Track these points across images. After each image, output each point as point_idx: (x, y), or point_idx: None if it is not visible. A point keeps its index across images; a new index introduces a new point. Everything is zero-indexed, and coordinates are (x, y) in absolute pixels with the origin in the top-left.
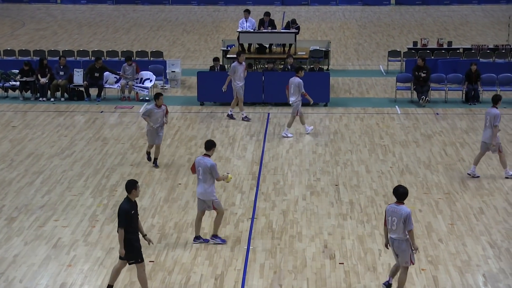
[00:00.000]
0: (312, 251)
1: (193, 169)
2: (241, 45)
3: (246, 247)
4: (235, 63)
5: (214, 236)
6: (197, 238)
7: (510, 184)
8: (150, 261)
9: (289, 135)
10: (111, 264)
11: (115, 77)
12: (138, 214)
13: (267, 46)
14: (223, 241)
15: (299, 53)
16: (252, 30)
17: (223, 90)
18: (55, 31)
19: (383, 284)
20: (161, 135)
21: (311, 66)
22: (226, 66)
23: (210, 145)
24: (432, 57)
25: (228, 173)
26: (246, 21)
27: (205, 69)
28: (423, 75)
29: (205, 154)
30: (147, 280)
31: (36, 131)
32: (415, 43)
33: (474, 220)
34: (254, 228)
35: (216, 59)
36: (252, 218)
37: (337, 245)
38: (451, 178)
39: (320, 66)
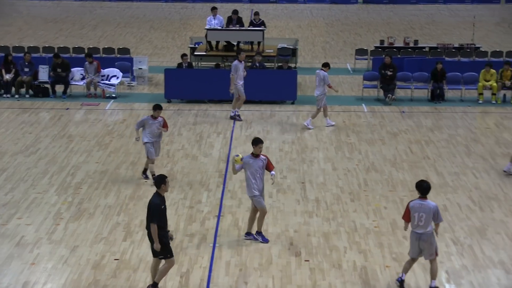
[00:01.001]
0: (278, 248)
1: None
2: (209, 42)
3: (212, 245)
4: (236, 62)
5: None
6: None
7: (473, 182)
8: (115, 259)
9: (310, 126)
10: (75, 262)
11: (81, 74)
12: (166, 209)
13: (235, 43)
14: (265, 240)
15: (267, 50)
16: (220, 28)
17: (231, 91)
18: (20, 27)
19: (396, 280)
20: (158, 148)
21: (279, 64)
22: (193, 63)
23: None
24: (399, 56)
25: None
26: (214, 18)
27: (173, 67)
28: (389, 73)
29: (253, 155)
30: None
31: (0, 128)
32: (382, 42)
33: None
34: (220, 226)
35: (184, 56)
36: (219, 216)
37: (303, 243)
38: (416, 175)
39: (288, 64)
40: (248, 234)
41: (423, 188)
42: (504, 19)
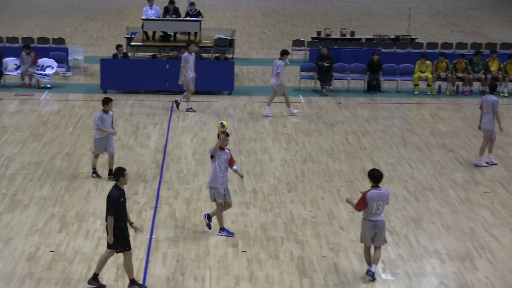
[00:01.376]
0: (215, 239)
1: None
2: (145, 33)
3: (149, 236)
4: (186, 54)
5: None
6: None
7: (409, 172)
8: (50, 251)
9: (294, 111)
10: (10, 254)
11: (15, 64)
12: (126, 202)
13: (172, 34)
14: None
15: (204, 41)
16: (156, 18)
17: (180, 83)
18: None
19: (369, 275)
20: (112, 143)
21: (216, 55)
22: (129, 54)
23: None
24: (336, 47)
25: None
26: (151, 8)
27: (109, 57)
28: (326, 64)
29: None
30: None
31: None
32: (319, 33)
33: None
34: (157, 217)
35: (119, 46)
36: (155, 207)
37: (240, 233)
38: (352, 166)
39: (225, 55)
40: (221, 229)
41: (376, 176)
42: (439, 11)
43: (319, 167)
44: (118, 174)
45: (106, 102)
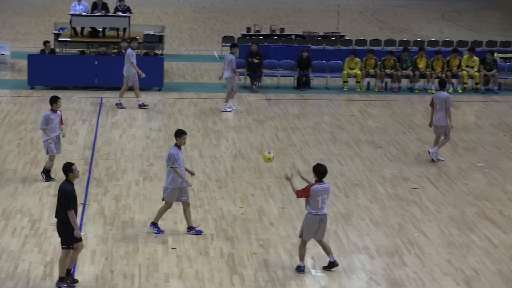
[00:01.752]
0: (144, 236)
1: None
2: (74, 28)
3: None
4: (130, 50)
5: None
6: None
7: (338, 168)
8: None
9: (228, 109)
10: None
11: None
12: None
13: (101, 30)
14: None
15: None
16: (85, 14)
17: (142, 76)
18: None
19: (299, 270)
20: (60, 144)
21: (145, 51)
22: (57, 49)
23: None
24: (265, 43)
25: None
26: (79, 4)
27: (36, 52)
28: (256, 61)
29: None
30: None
31: None
32: (248, 29)
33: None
34: (86, 214)
35: (46, 42)
36: (84, 204)
37: (169, 230)
38: (282, 162)
39: (155, 51)
40: (190, 228)
41: (320, 172)
42: (368, 8)
43: (249, 163)
44: (66, 170)
45: (54, 100)
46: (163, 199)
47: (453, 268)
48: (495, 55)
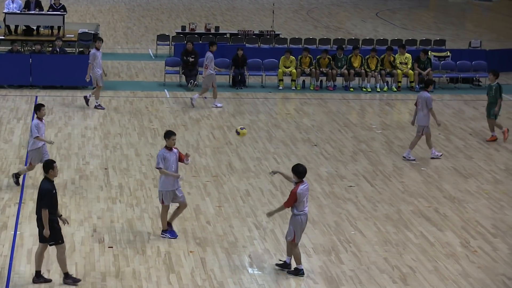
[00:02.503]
0: (81, 235)
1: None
2: (7, 26)
3: (13, 233)
4: (94, 50)
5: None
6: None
7: (275, 166)
8: None
9: (219, 105)
10: None
11: None
12: (57, 195)
13: (35, 28)
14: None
15: (67, 35)
16: (18, 11)
17: (87, 79)
18: None
19: (299, 274)
20: (47, 151)
21: (80, 49)
22: None
23: (171, 133)
24: (200, 42)
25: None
26: (13, 2)
27: None
28: (191, 59)
29: (167, 147)
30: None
31: None
32: (183, 28)
33: (241, 202)
34: (21, 213)
35: None
36: (20, 203)
37: (106, 229)
38: (219, 161)
39: (89, 50)
40: (164, 231)
41: (300, 171)
42: (302, 6)
43: (185, 162)
44: (47, 167)
45: (38, 108)
46: (161, 203)
47: (389, 265)
48: (430, 53)
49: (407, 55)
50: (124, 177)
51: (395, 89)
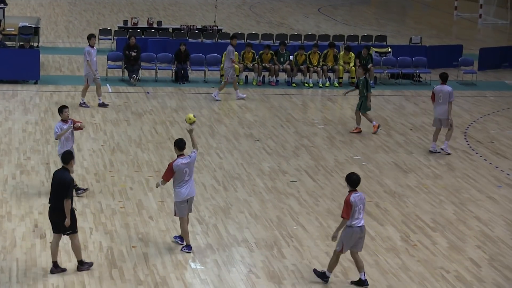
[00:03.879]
0: (22, 230)
1: (170, 176)
2: None
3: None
4: (88, 48)
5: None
6: (191, 247)
7: (217, 162)
8: None
9: (217, 98)
10: None
11: None
12: None
13: None
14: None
15: (7, 29)
16: None
17: (95, 75)
18: None
19: (363, 285)
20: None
21: (21, 43)
22: None
23: (183, 144)
24: (143, 36)
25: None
26: None
27: None
28: (133, 54)
29: (181, 155)
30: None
31: None
32: (125, 22)
33: None
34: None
35: None
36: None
37: (47, 224)
38: (161, 156)
39: (30, 44)
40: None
41: (352, 180)
42: (245, 1)
43: (128, 157)
44: (69, 157)
45: (61, 110)
46: (175, 215)
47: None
48: (371, 49)
49: (351, 54)
50: None
51: (337, 85)
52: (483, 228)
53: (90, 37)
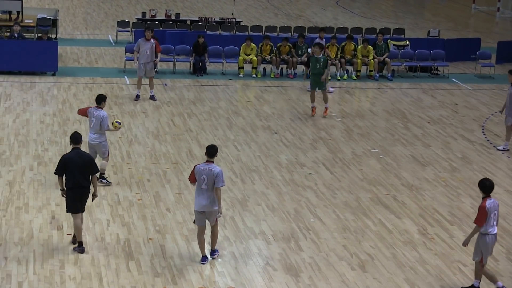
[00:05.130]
0: (39, 222)
1: (193, 178)
2: None
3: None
4: (141, 39)
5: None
6: (205, 258)
7: (235, 154)
8: None
9: (331, 89)
10: None
11: None
12: None
13: None
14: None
15: (26, 20)
16: None
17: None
18: None
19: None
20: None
21: (39, 35)
22: None
23: (215, 151)
24: (161, 28)
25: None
26: None
27: None
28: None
29: (208, 161)
30: None
31: None
32: (144, 14)
33: None
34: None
35: None
36: None
37: (65, 216)
38: (179, 148)
39: (48, 35)
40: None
41: (486, 186)
42: None
43: (145, 149)
44: (80, 138)
45: (104, 99)
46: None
47: (348, 252)
48: (389, 42)
49: (369, 48)
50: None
51: (355, 78)
52: (500, 221)
53: (145, 29)
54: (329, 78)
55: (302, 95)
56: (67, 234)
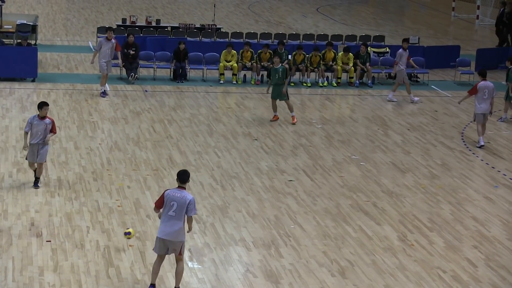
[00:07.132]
0: (18, 229)
1: (160, 203)
2: None
3: None
4: (103, 39)
5: None
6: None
7: (215, 161)
8: None
9: (415, 99)
10: None
11: None
12: None
13: None
14: None
15: (5, 26)
16: None
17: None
18: None
19: None
20: (43, 153)
21: (18, 41)
22: None
23: (187, 178)
24: (141, 35)
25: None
26: None
27: None
28: (132, 52)
29: (180, 187)
30: None
31: None
32: (124, 20)
33: None
34: None
35: None
36: None
37: (44, 223)
38: (159, 154)
39: (28, 41)
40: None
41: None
42: (244, 1)
43: (126, 155)
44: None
45: (41, 106)
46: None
47: (328, 259)
48: (369, 49)
49: (350, 55)
50: (63, 171)
51: (335, 84)
52: (479, 228)
53: (108, 30)
54: (293, 84)
55: (282, 102)
56: (47, 241)
